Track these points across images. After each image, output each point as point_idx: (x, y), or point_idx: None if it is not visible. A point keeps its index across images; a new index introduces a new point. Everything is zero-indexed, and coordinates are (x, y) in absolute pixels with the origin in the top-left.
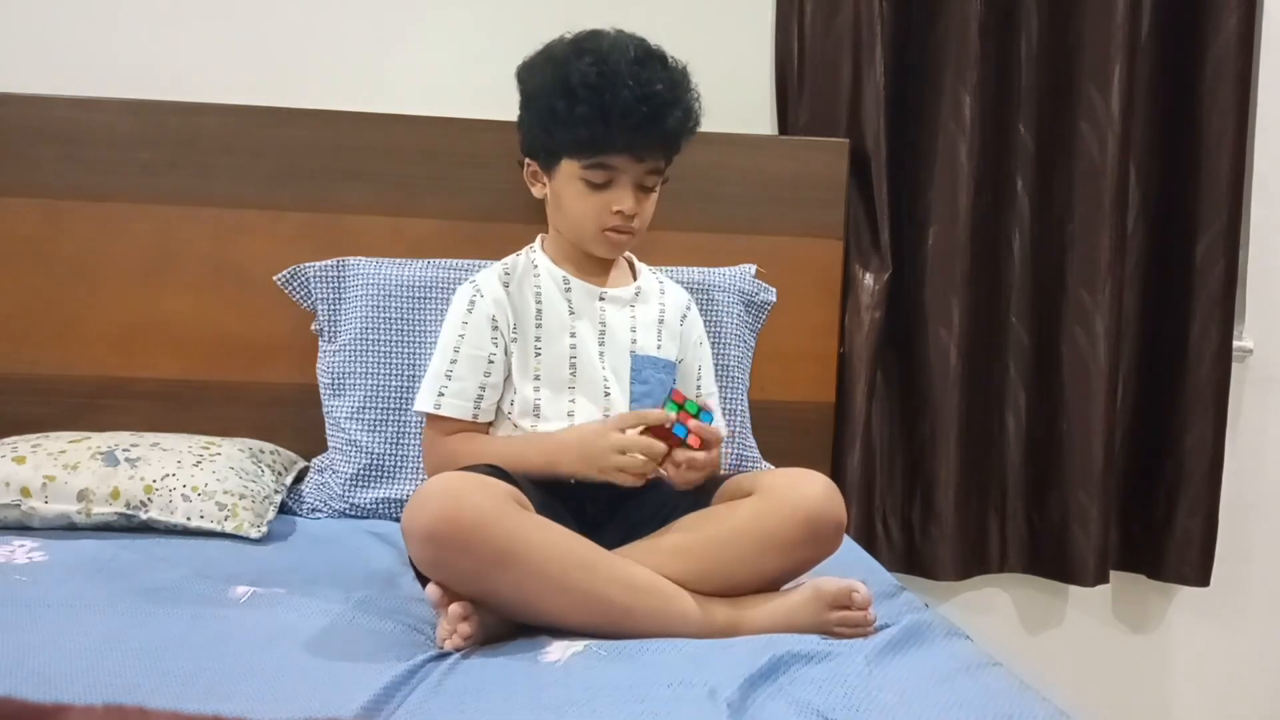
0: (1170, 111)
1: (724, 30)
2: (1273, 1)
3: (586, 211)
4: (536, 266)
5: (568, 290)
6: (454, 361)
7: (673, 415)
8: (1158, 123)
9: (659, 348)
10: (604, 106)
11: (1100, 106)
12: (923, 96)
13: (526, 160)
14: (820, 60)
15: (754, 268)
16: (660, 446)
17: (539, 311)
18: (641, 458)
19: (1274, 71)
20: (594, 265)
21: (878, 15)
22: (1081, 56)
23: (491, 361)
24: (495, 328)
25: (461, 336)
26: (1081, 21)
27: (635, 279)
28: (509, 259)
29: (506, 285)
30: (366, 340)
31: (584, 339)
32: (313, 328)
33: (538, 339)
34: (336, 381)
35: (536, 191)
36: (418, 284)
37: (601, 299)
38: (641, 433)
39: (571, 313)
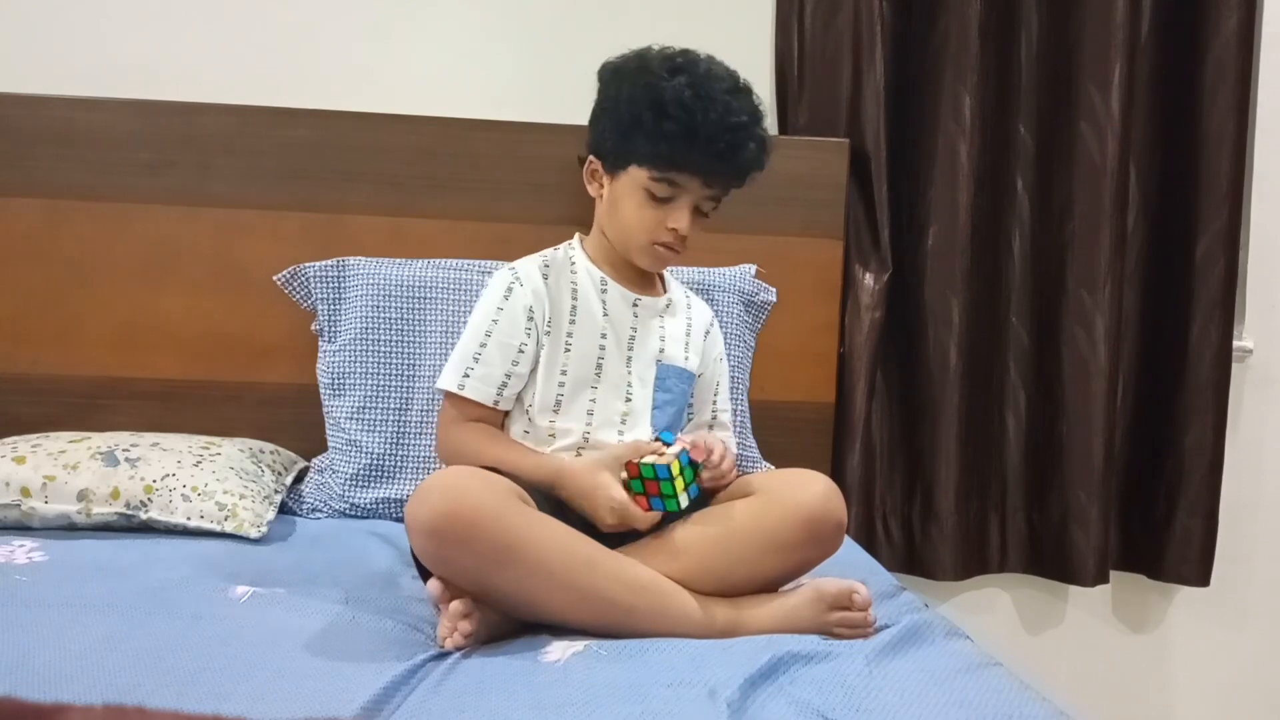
0: (1170, 111)
1: (724, 30)
2: (1273, 1)
3: (642, 222)
4: (574, 263)
5: (604, 292)
6: (483, 345)
7: (665, 450)
8: (1158, 123)
9: (685, 360)
10: (693, 126)
11: (1100, 106)
12: (923, 96)
13: (590, 158)
14: (820, 60)
15: (754, 268)
16: (644, 517)
17: (574, 308)
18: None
19: (1274, 71)
20: (631, 272)
21: (878, 15)
22: (1081, 56)
23: (522, 351)
24: (530, 319)
25: (495, 322)
26: (1081, 21)
27: (665, 291)
28: (548, 251)
29: (546, 277)
30: (366, 340)
31: (613, 342)
32: (313, 328)
33: (569, 335)
34: (336, 381)
35: (593, 191)
36: (418, 284)
37: (635, 305)
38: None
39: (605, 315)
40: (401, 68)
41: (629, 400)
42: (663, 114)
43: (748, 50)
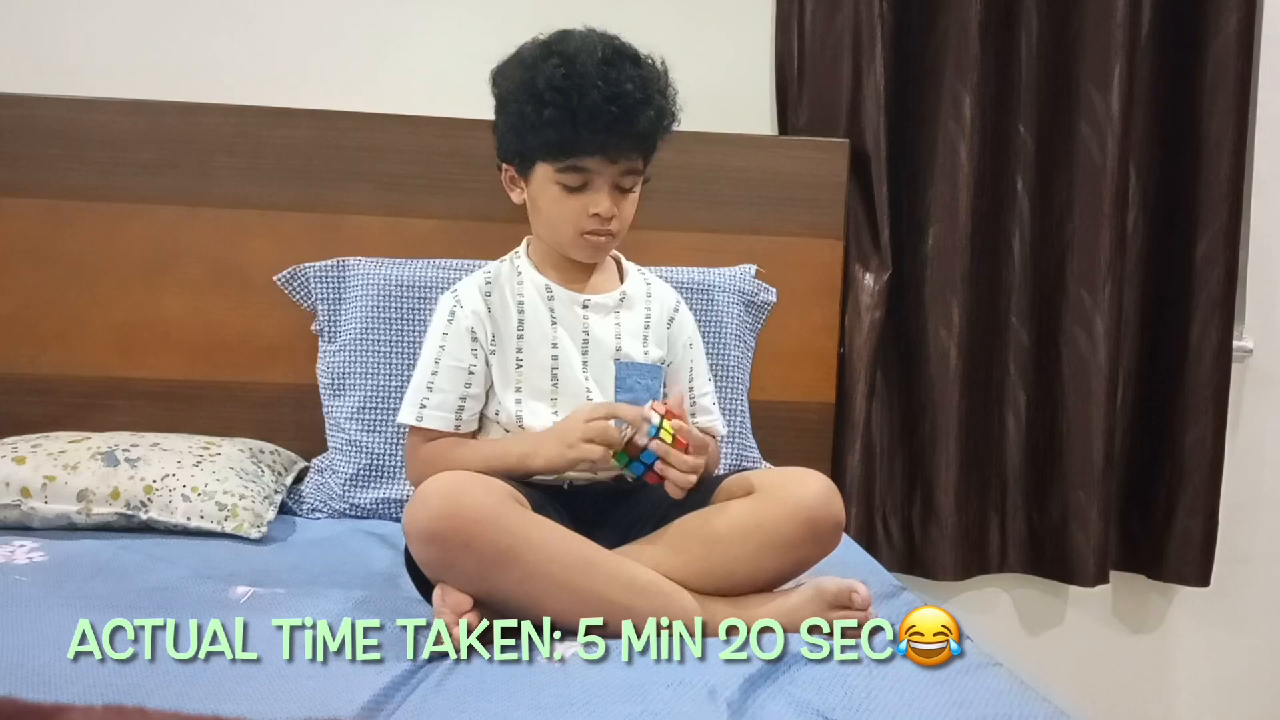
0: (1170, 111)
1: (724, 30)
2: (1273, 1)
3: (563, 215)
4: (520, 273)
5: (550, 299)
6: (435, 373)
7: (651, 416)
8: (1158, 123)
9: (645, 354)
10: (572, 108)
11: (1100, 106)
12: (923, 96)
13: (504, 166)
14: (820, 60)
15: (754, 268)
16: (614, 435)
17: (521, 322)
18: (600, 447)
19: (1274, 71)
20: (578, 270)
21: (878, 15)
22: (1081, 56)
23: (472, 373)
24: (475, 339)
25: (442, 348)
26: (1081, 21)
27: (622, 282)
28: (493, 265)
29: (488, 295)
30: (366, 340)
31: (566, 350)
32: (313, 328)
33: (519, 350)
34: (336, 381)
35: (515, 197)
36: (417, 284)
37: (585, 306)
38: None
39: (554, 323)
40: (401, 68)
41: None
42: (540, 101)
43: (748, 50)
